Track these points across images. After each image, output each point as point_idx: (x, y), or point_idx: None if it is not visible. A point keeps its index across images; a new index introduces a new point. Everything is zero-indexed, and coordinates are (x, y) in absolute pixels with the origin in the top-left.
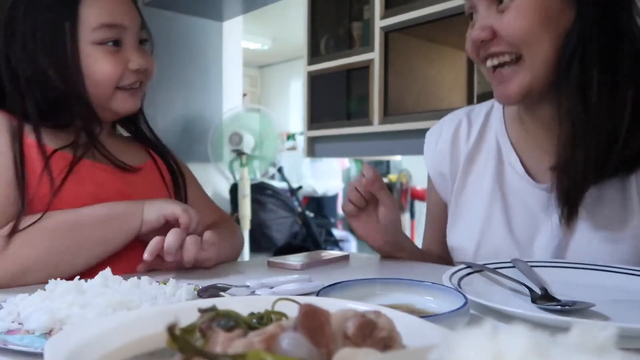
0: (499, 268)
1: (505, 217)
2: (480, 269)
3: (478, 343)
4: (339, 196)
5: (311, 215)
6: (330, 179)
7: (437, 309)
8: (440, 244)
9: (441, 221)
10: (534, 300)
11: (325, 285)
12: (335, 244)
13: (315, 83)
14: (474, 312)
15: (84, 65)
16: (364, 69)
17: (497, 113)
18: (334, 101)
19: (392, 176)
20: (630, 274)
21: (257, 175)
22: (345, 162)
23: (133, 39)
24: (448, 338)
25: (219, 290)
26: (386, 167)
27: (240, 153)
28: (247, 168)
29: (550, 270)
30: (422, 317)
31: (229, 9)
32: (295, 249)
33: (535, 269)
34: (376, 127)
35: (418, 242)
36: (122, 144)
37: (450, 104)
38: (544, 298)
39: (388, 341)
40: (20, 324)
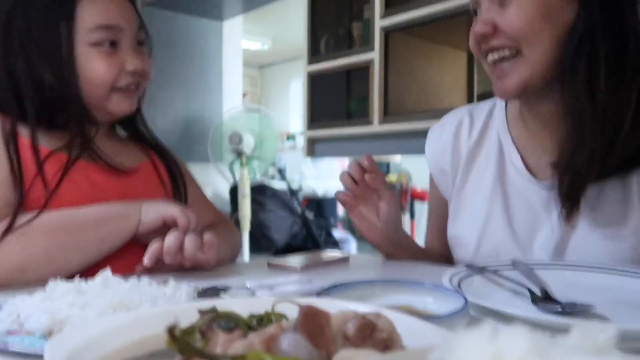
0: (499, 269)
1: (506, 214)
2: (480, 271)
3: (478, 344)
4: None
5: (311, 216)
6: (330, 179)
7: (437, 310)
8: (441, 241)
9: (443, 218)
10: (534, 302)
11: (325, 286)
12: (336, 245)
13: (315, 83)
14: (474, 314)
15: (79, 66)
16: (364, 69)
17: (500, 111)
18: (334, 101)
19: (392, 177)
20: (630, 275)
21: (257, 176)
22: (345, 163)
23: (130, 41)
24: (448, 339)
25: (219, 292)
26: (386, 168)
27: (240, 153)
28: (247, 168)
29: (550, 271)
30: (422, 319)
31: (229, 9)
32: (295, 250)
33: (535, 271)
34: (376, 127)
35: (418, 243)
36: (120, 144)
37: (450, 104)
38: (544, 299)
39: (388, 342)
40: (20, 325)
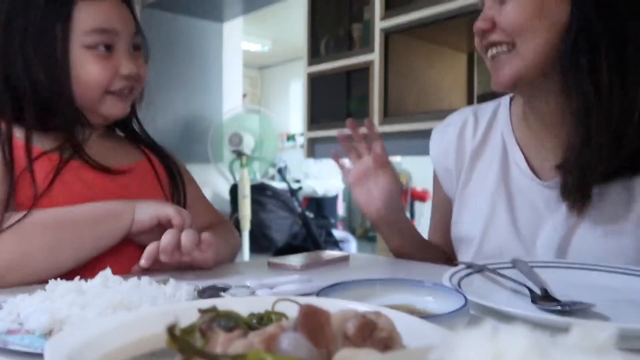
0: (499, 268)
1: (510, 214)
2: (480, 270)
3: (478, 343)
4: (339, 197)
5: (311, 215)
6: (330, 179)
7: (437, 309)
8: (444, 240)
9: (445, 216)
10: (534, 301)
11: (325, 285)
12: (335, 244)
13: (315, 84)
14: (474, 313)
15: (74, 68)
16: (364, 70)
17: (504, 111)
18: (334, 102)
19: None
20: (630, 274)
21: (257, 176)
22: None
23: (126, 45)
24: (448, 338)
25: (219, 291)
26: None
27: (240, 154)
28: (247, 169)
29: (550, 270)
30: (422, 318)
31: (229, 11)
32: (295, 250)
33: (535, 270)
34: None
35: None
36: (118, 144)
37: (450, 105)
38: (544, 298)
39: (388, 342)
40: (20, 324)
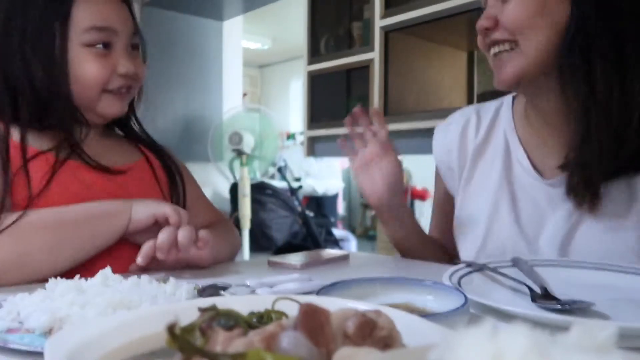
0: (499, 267)
1: (513, 211)
2: (480, 268)
3: (478, 342)
4: (339, 196)
5: (311, 214)
6: (330, 178)
7: (437, 308)
8: (444, 237)
9: (446, 214)
10: (534, 300)
11: (325, 284)
12: (336, 243)
13: (315, 83)
14: (474, 311)
15: (71, 66)
16: (364, 68)
17: (506, 110)
18: (334, 101)
19: None
20: (630, 273)
21: (257, 175)
22: (345, 162)
23: (124, 44)
24: (448, 337)
25: (219, 290)
26: None
27: (240, 153)
28: (247, 168)
29: (550, 269)
30: (422, 316)
31: (229, 9)
32: (295, 249)
33: (535, 268)
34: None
35: None
36: (116, 143)
37: (450, 104)
38: (544, 297)
39: (388, 340)
40: (20, 322)
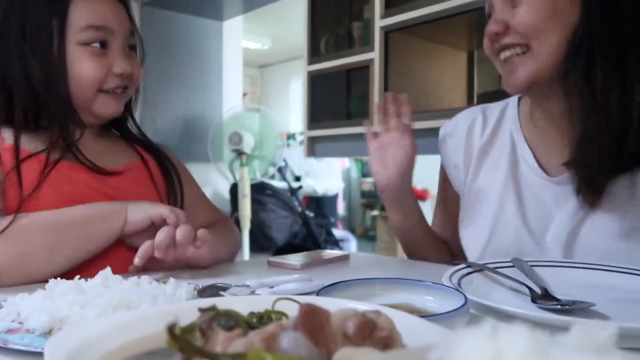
0: (499, 267)
1: (519, 209)
2: (480, 269)
3: (478, 343)
4: (339, 196)
5: (311, 215)
6: (330, 179)
7: (437, 308)
8: (445, 232)
9: (449, 210)
10: (534, 300)
11: (325, 284)
12: (336, 243)
13: (315, 83)
14: (474, 312)
15: (68, 65)
16: (364, 68)
17: (512, 110)
18: (334, 101)
19: None
20: (630, 273)
21: (257, 175)
22: (345, 162)
23: (120, 44)
24: (448, 338)
25: (219, 290)
26: None
27: (240, 153)
28: (247, 168)
29: (550, 269)
30: (422, 317)
31: (229, 9)
32: (295, 249)
33: (535, 269)
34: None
35: None
36: (112, 144)
37: (450, 104)
38: (544, 297)
39: (388, 341)
40: (20, 323)
